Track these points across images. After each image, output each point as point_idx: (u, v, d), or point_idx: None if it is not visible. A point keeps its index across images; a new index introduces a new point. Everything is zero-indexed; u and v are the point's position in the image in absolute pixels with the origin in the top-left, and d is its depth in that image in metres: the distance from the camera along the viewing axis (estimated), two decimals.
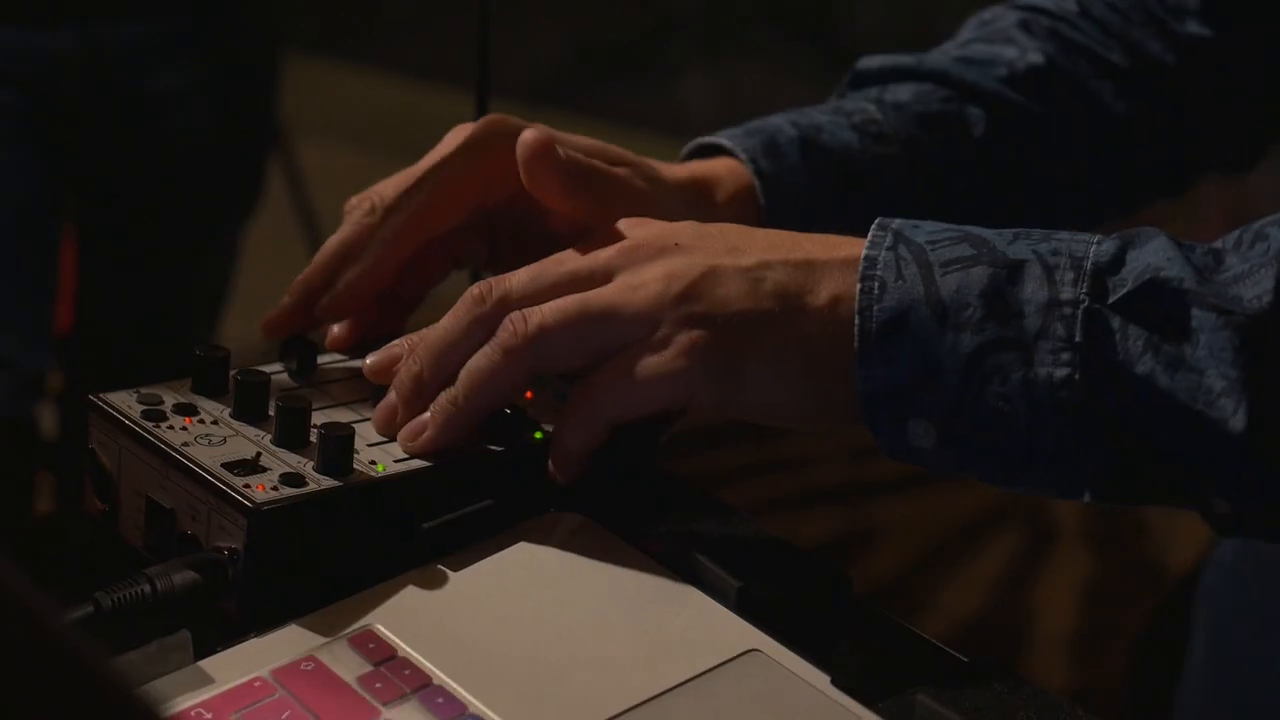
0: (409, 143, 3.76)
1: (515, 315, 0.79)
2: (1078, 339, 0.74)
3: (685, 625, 0.74)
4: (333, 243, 0.89)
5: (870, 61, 1.05)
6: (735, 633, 0.73)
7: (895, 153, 0.99)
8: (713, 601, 0.75)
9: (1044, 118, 1.04)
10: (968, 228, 0.78)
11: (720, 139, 0.98)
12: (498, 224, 0.92)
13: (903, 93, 1.02)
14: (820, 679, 0.71)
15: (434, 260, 0.91)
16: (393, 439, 0.80)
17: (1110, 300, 0.74)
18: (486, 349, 0.79)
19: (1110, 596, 2.48)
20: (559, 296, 0.79)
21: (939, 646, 0.77)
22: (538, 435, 0.82)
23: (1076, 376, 0.74)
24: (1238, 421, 0.72)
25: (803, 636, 0.73)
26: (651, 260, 0.79)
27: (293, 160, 2.83)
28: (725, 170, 0.96)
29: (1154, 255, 0.75)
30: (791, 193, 0.96)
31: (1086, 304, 0.74)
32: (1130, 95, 1.05)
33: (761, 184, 0.95)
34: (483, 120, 0.90)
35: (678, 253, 0.79)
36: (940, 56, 1.05)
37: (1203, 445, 0.73)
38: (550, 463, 0.80)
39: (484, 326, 0.80)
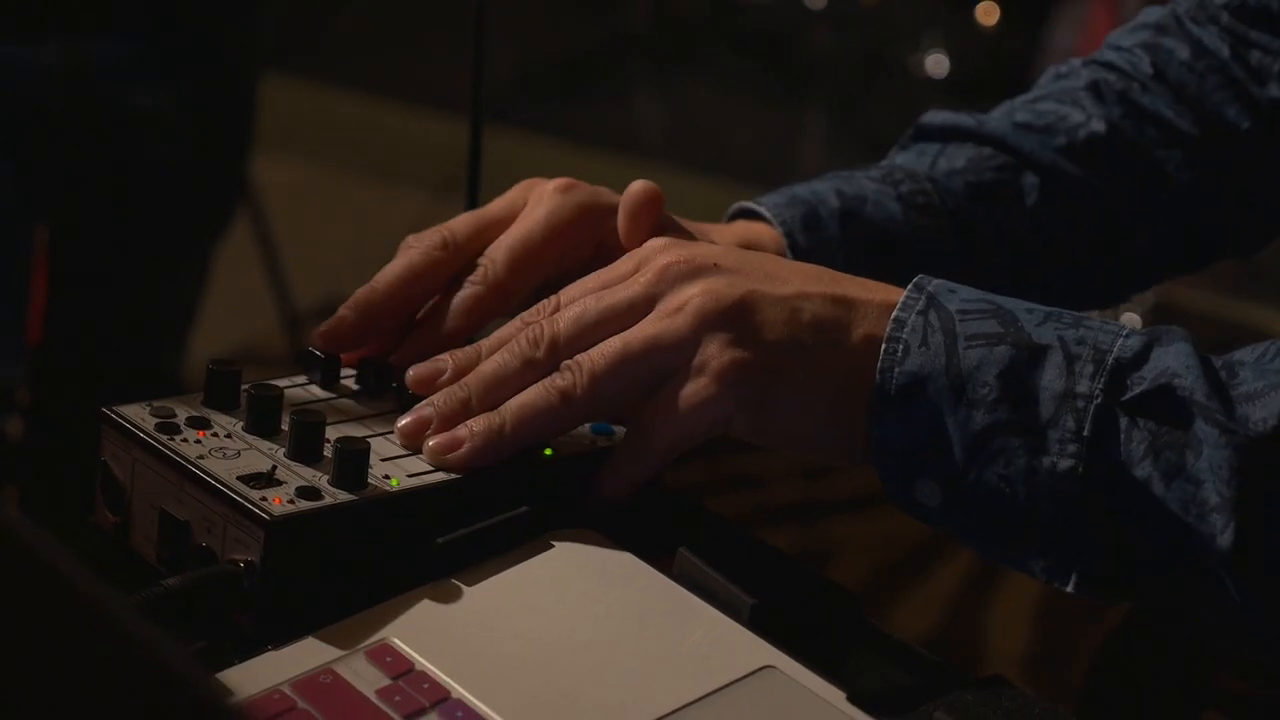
0: (368, 158, 3.73)
1: (572, 363, 0.80)
2: (1086, 433, 0.75)
3: (700, 641, 0.74)
4: (399, 267, 0.89)
5: (934, 118, 1.06)
6: (750, 649, 0.74)
7: (941, 224, 1.00)
8: (727, 618, 0.75)
9: (1101, 189, 1.04)
10: (1002, 301, 0.79)
11: (761, 207, 0.99)
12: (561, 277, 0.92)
13: (958, 158, 1.03)
14: (836, 695, 0.72)
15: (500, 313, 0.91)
16: (407, 453, 0.80)
17: (1124, 398, 0.75)
18: (542, 389, 0.80)
19: (1065, 615, 2.50)
20: (605, 333, 0.80)
21: (946, 664, 0.78)
22: (547, 452, 0.82)
23: (1080, 470, 0.75)
24: (1225, 539, 0.74)
25: (816, 653, 0.74)
26: (690, 279, 0.80)
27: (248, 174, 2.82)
28: (769, 239, 0.97)
29: (1174, 360, 0.76)
30: (827, 265, 0.97)
31: (1100, 400, 0.75)
32: (1198, 163, 1.05)
33: (795, 257, 0.96)
34: (560, 187, 0.90)
35: (717, 273, 0.80)
36: (1001, 120, 1.05)
37: (1191, 555, 0.75)
38: (602, 486, 0.81)
39: (536, 368, 0.81)
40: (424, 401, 0.82)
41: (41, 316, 1.93)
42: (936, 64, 3.68)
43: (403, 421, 0.82)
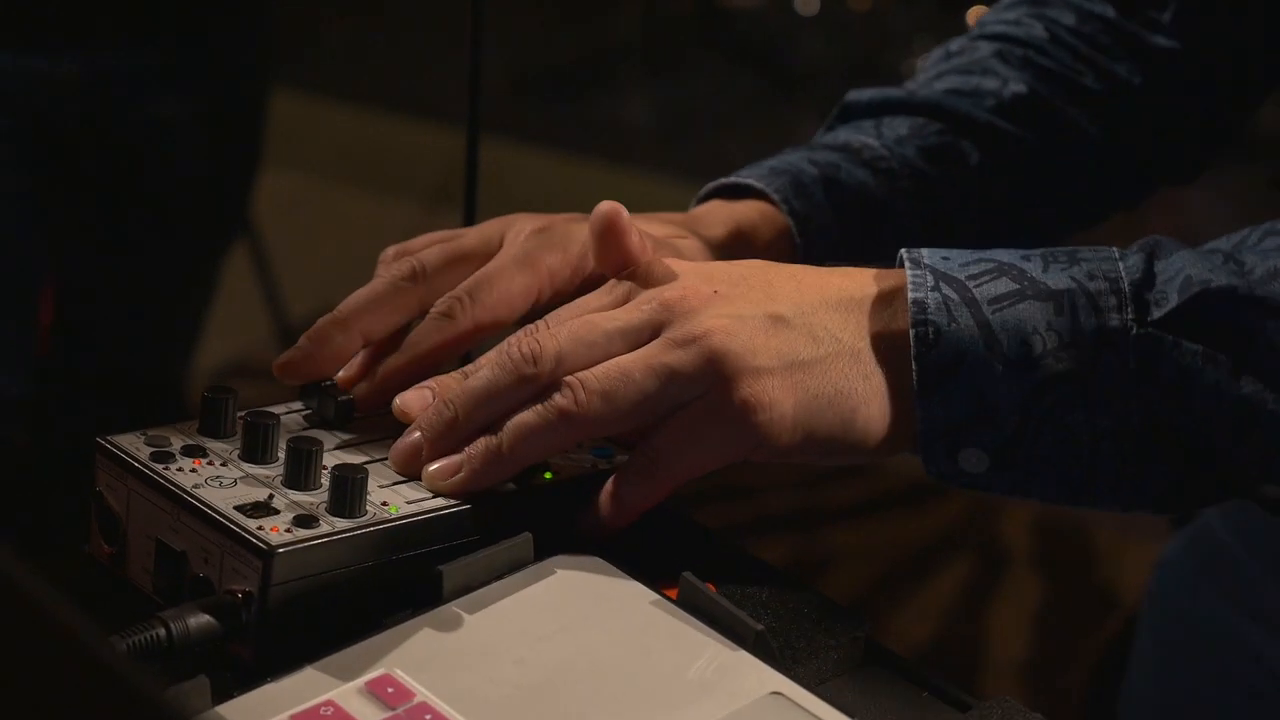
0: (359, 167, 3.73)
1: (573, 380, 0.79)
2: (1131, 366, 0.76)
3: (705, 668, 0.73)
4: (362, 295, 0.87)
5: (860, 95, 1.06)
6: (756, 676, 0.73)
7: (906, 187, 1.01)
8: (732, 644, 0.74)
9: (1032, 145, 1.05)
10: (993, 255, 0.80)
11: (748, 179, 0.98)
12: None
13: (899, 126, 1.03)
14: None
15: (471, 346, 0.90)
16: (404, 480, 0.80)
17: (1155, 318, 0.76)
18: (541, 409, 0.79)
19: (1062, 623, 2.50)
20: (605, 355, 0.79)
21: (948, 686, 0.78)
22: (547, 475, 0.82)
23: (1135, 403, 0.76)
24: None
25: (823, 679, 0.73)
26: (696, 312, 0.79)
27: None
28: (759, 216, 0.96)
29: (1190, 266, 0.77)
30: (822, 232, 0.97)
31: (1135, 330, 0.76)
32: (1102, 118, 1.07)
33: (796, 224, 0.96)
34: (537, 228, 0.89)
35: (719, 303, 0.80)
36: (929, 89, 1.05)
37: (1265, 439, 0.76)
38: (601, 511, 0.80)
39: (532, 385, 0.80)
40: (413, 424, 0.81)
41: (49, 328, 1.93)
42: None
43: (395, 446, 0.80)
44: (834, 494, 2.73)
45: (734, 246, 0.93)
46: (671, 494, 0.80)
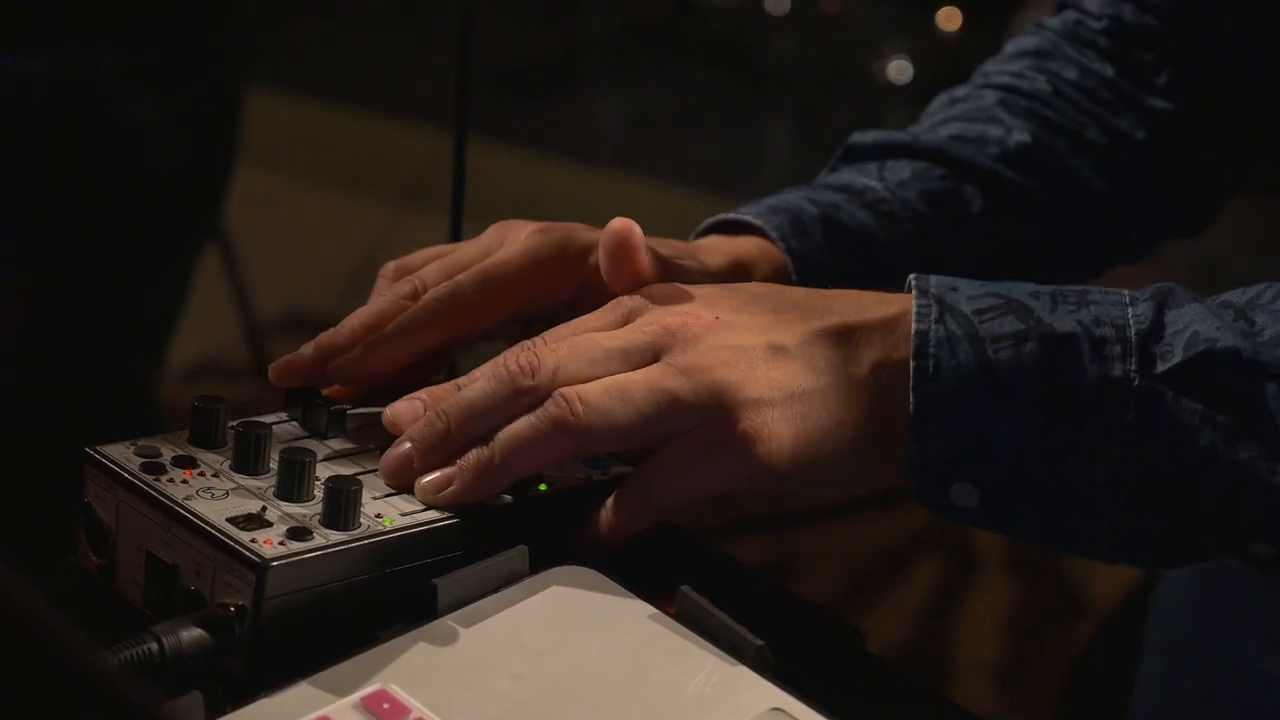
0: (329, 166, 3.71)
1: (569, 392, 0.78)
2: (1130, 418, 0.75)
3: (705, 684, 0.73)
4: (365, 313, 0.87)
5: (864, 137, 1.06)
6: (756, 691, 0.72)
7: (907, 230, 1.00)
8: (731, 659, 0.74)
9: (1035, 194, 1.05)
10: (1005, 290, 0.79)
11: (748, 216, 0.97)
12: (535, 317, 0.90)
13: (902, 170, 1.03)
14: None
15: (467, 337, 0.89)
16: (397, 491, 0.79)
17: (1159, 371, 0.75)
18: (534, 420, 0.78)
19: (1034, 625, 2.50)
20: (604, 373, 0.79)
21: (947, 700, 0.77)
22: (541, 487, 0.81)
23: (1132, 454, 0.75)
24: None
25: (823, 694, 0.73)
26: (697, 340, 0.79)
27: None
28: (759, 251, 0.96)
29: (1199, 322, 0.76)
30: (819, 270, 0.96)
31: (1137, 381, 0.75)
32: (1106, 171, 1.07)
33: (793, 262, 0.95)
34: (539, 228, 0.89)
35: (721, 331, 0.79)
36: (933, 135, 1.05)
37: (1259, 503, 0.75)
38: (596, 531, 0.79)
39: (528, 397, 0.79)
40: (403, 435, 0.80)
41: (23, 326, 1.91)
42: (899, 70, 3.69)
43: (386, 461, 0.80)
44: (807, 496, 2.73)
45: (733, 279, 0.92)
46: (666, 517, 0.79)
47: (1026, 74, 1.08)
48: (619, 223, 0.84)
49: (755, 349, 0.79)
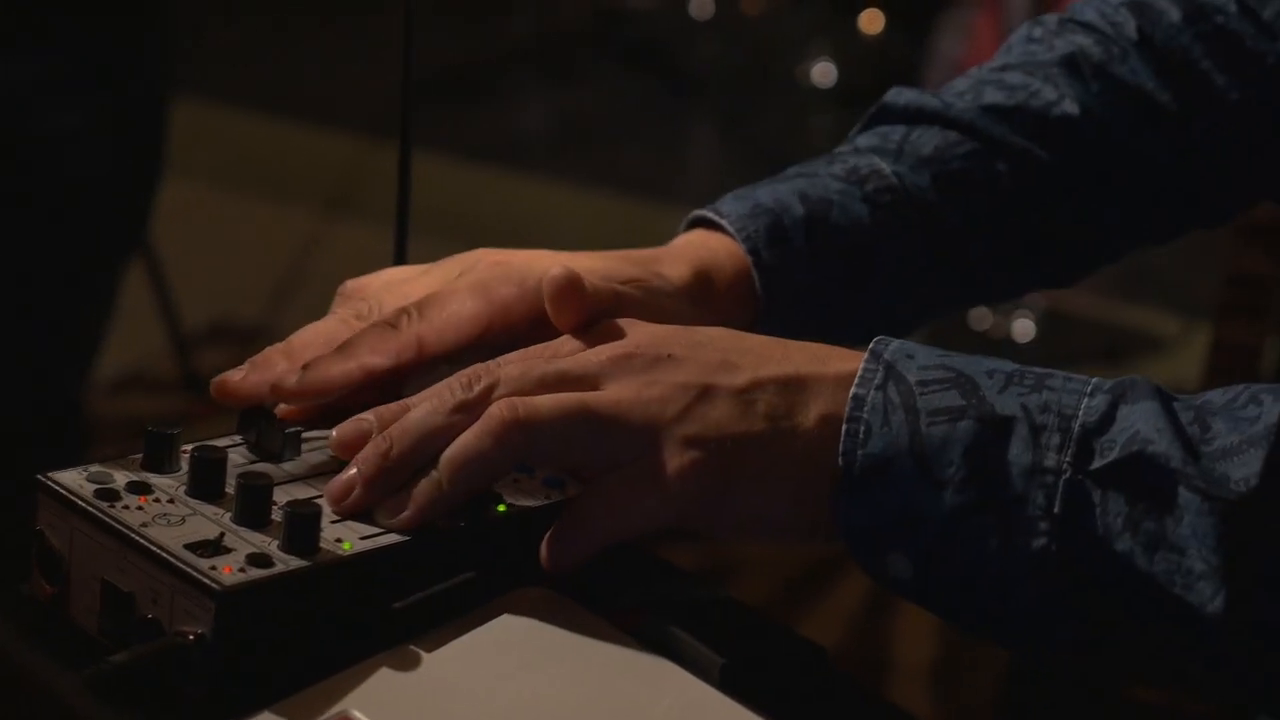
0: (251, 174, 3.66)
1: (505, 402, 0.78)
2: (1056, 510, 0.74)
3: (671, 704, 0.73)
4: (314, 331, 0.86)
5: (898, 97, 1.01)
6: (721, 711, 0.72)
7: (910, 221, 0.97)
8: (695, 679, 0.73)
9: (1073, 172, 1.01)
10: (962, 365, 0.78)
11: (723, 220, 0.95)
12: (496, 347, 0.88)
13: (925, 144, 0.99)
14: None
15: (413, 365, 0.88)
16: (349, 517, 0.78)
17: (1094, 467, 0.74)
18: (473, 433, 0.78)
19: None
20: (548, 392, 0.78)
21: (903, 712, 0.77)
22: (500, 508, 0.80)
23: (1053, 547, 0.74)
24: (1216, 605, 0.73)
25: (787, 711, 0.73)
26: (645, 371, 0.79)
27: None
28: (725, 255, 0.94)
29: (1143, 422, 0.74)
30: (792, 284, 0.94)
31: (1068, 475, 0.74)
32: (1177, 142, 1.01)
33: (760, 276, 0.93)
34: (491, 262, 0.88)
35: (671, 366, 0.79)
36: (969, 102, 1.00)
37: (1179, 624, 0.74)
38: (545, 556, 0.78)
39: (468, 412, 0.78)
40: (353, 460, 0.79)
41: None
42: (824, 73, 3.69)
43: (331, 487, 0.78)
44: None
45: (696, 289, 0.91)
46: (607, 549, 0.79)
47: (1122, 11, 1.01)
48: (558, 272, 0.83)
49: (698, 387, 0.78)
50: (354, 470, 0.78)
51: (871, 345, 0.79)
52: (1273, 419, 0.74)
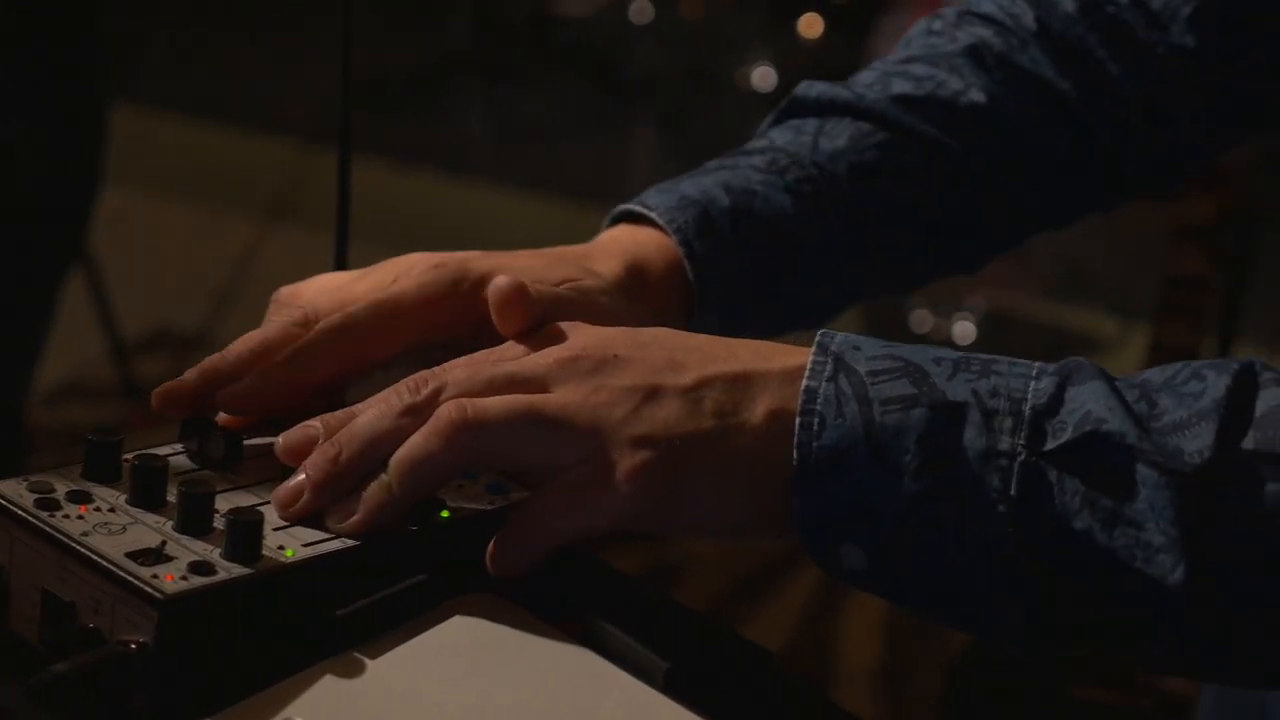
0: (189, 181, 3.64)
1: (453, 403, 0.77)
2: (1013, 492, 0.74)
3: (615, 709, 0.73)
4: (253, 338, 0.86)
5: (809, 90, 1.02)
6: (667, 714, 0.72)
7: (829, 210, 0.98)
8: (640, 683, 0.73)
9: (984, 159, 1.02)
10: (908, 354, 0.78)
11: (652, 213, 0.95)
12: (437, 349, 0.88)
13: (839, 136, 0.99)
14: None
15: (359, 368, 0.87)
16: (296, 523, 0.78)
17: (1047, 448, 0.74)
18: (422, 435, 0.77)
19: (914, 628, 2.52)
20: (496, 394, 0.78)
21: (847, 713, 0.78)
22: (444, 514, 0.80)
23: (1011, 530, 0.74)
24: (1176, 577, 0.73)
25: (731, 715, 0.73)
26: (592, 374, 0.78)
27: None
28: (655, 248, 0.94)
29: (1094, 401, 0.75)
30: (722, 274, 0.95)
31: (1023, 457, 0.74)
32: (1075, 128, 1.03)
33: (693, 266, 0.94)
34: (434, 264, 0.88)
35: (618, 367, 0.79)
36: (879, 93, 1.01)
37: (1139, 598, 0.74)
38: (491, 562, 0.78)
39: (416, 415, 0.78)
40: (300, 466, 0.79)
41: None
42: (763, 77, 3.70)
43: (279, 493, 0.78)
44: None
45: (629, 283, 0.92)
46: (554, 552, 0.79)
47: (1015, 7, 1.03)
48: (502, 281, 0.83)
49: (645, 388, 0.78)
50: (302, 476, 0.78)
51: (817, 338, 0.79)
52: (1219, 392, 0.75)
